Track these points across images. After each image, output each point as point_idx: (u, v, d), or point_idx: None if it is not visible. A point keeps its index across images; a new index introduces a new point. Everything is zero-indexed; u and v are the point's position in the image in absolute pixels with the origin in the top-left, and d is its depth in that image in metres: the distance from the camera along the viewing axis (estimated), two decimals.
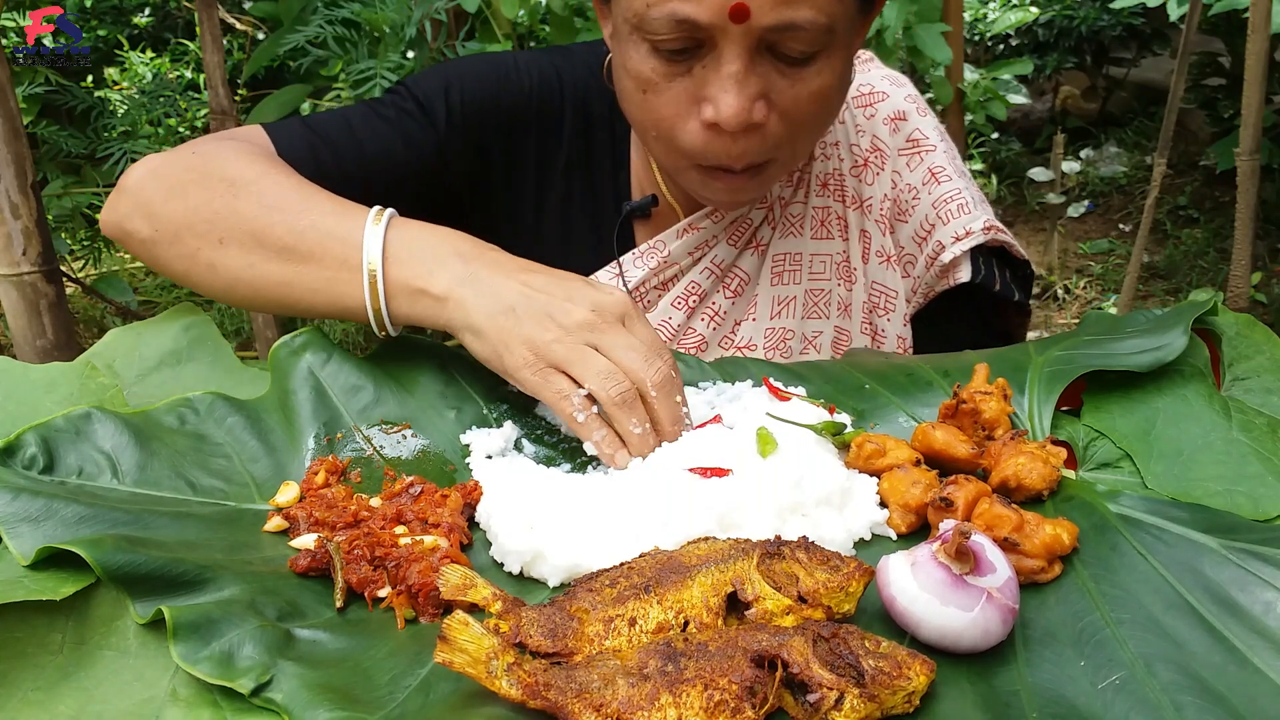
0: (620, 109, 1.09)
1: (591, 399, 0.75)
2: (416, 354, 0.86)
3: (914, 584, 0.56)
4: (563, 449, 0.81)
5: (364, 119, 1.05)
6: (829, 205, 1.12)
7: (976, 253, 1.09)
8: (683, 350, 1.10)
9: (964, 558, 0.56)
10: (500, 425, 0.82)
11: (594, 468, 0.78)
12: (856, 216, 1.12)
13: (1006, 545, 0.61)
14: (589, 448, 0.76)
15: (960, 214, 1.09)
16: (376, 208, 0.84)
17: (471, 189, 1.11)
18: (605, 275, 1.10)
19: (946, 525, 0.60)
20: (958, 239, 1.08)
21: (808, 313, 1.12)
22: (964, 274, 1.08)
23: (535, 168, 1.12)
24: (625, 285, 1.09)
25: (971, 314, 1.13)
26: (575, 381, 0.76)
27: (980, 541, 0.57)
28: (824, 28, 0.86)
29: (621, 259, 1.10)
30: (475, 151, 1.09)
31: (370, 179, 1.02)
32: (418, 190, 1.06)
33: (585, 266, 1.09)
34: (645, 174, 1.14)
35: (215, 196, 0.86)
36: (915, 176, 1.11)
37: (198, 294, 0.92)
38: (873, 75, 1.17)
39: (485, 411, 0.83)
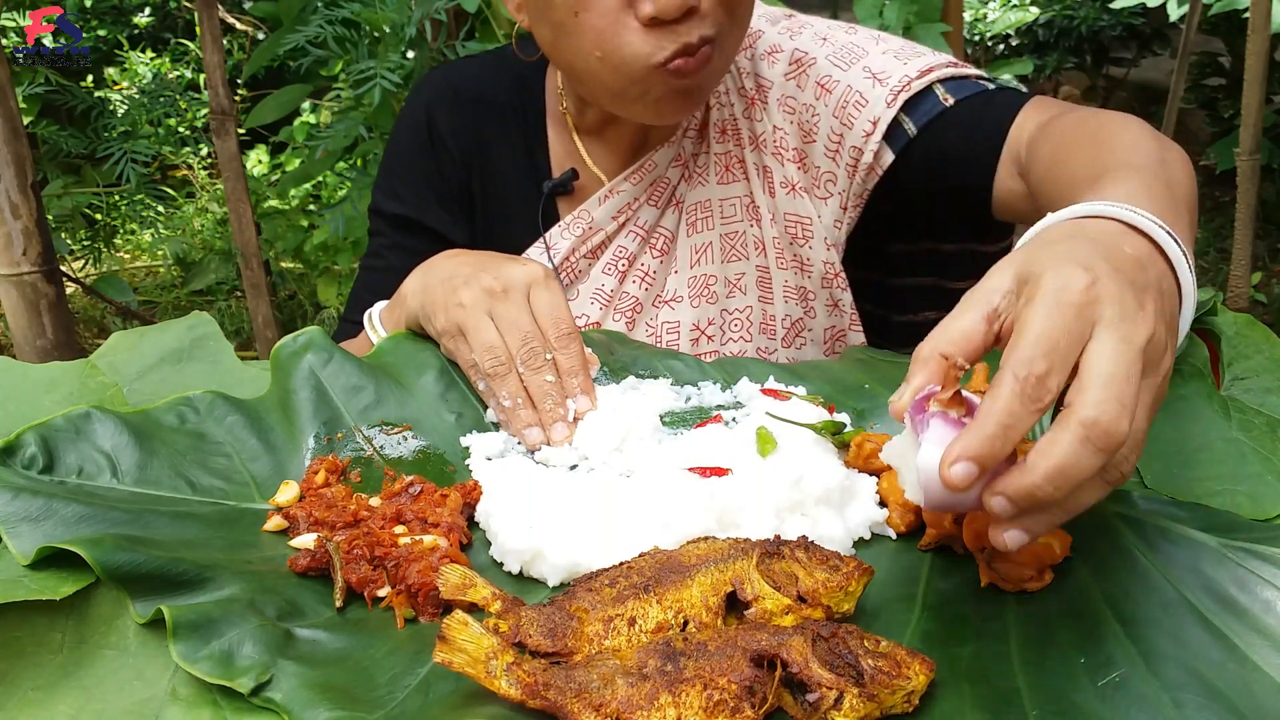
0: (532, 93, 1.17)
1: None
2: (418, 356, 0.86)
3: (932, 446, 0.53)
4: None
5: (370, 278, 1.18)
6: (729, 150, 1.14)
7: (894, 123, 1.03)
8: (617, 314, 1.12)
9: (960, 402, 0.54)
10: (499, 428, 0.82)
11: (590, 468, 0.78)
12: (754, 155, 1.13)
13: (994, 552, 0.61)
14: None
15: (859, 110, 1.04)
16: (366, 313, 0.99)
17: (452, 218, 1.19)
18: (534, 251, 1.13)
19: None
20: (867, 135, 1.03)
21: (726, 256, 1.14)
22: (887, 157, 1.04)
23: (463, 173, 1.18)
24: (552, 259, 1.12)
25: (942, 149, 1.03)
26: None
27: (975, 399, 0.55)
28: None
29: (548, 233, 1.13)
30: (442, 197, 1.18)
31: None
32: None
33: (518, 250, 1.15)
34: (565, 149, 1.17)
35: None
36: (808, 95, 1.08)
37: (198, 295, 0.97)
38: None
39: (485, 415, 0.84)
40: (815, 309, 1.14)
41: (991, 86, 1.03)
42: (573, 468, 0.77)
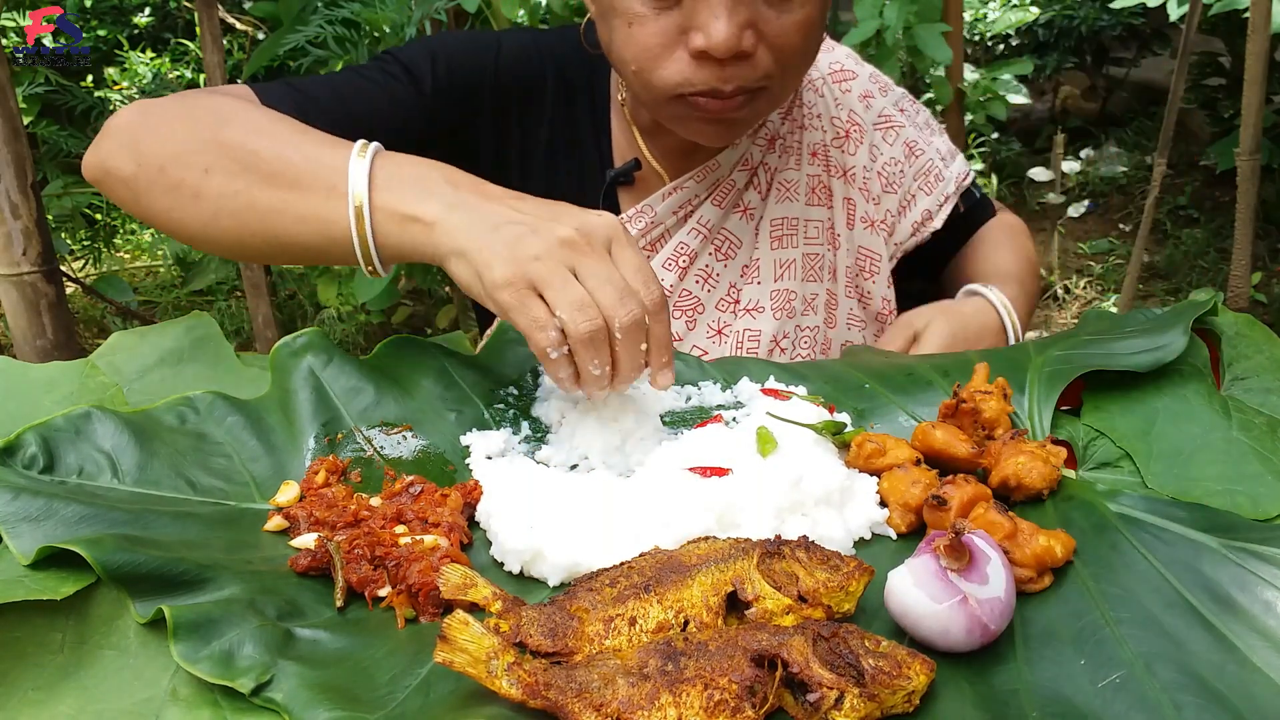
0: (600, 79, 1.16)
1: (562, 332, 0.73)
2: (417, 356, 0.86)
3: (905, 567, 0.57)
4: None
5: (348, 81, 1.05)
6: (818, 174, 1.18)
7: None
8: (676, 311, 1.12)
9: (956, 555, 0.56)
10: (500, 427, 0.82)
11: (590, 469, 0.78)
12: (841, 185, 1.18)
13: None
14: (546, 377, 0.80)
15: (937, 183, 1.21)
16: (362, 140, 0.83)
17: (457, 160, 1.11)
18: None
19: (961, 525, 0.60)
20: (940, 205, 1.21)
21: (806, 275, 1.16)
22: (937, 223, 1.21)
23: (520, 139, 1.14)
24: None
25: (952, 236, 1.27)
26: (550, 308, 0.73)
27: (988, 554, 0.57)
28: None
29: None
30: (460, 120, 1.10)
31: (354, 136, 1.00)
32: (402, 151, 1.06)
33: None
34: (626, 140, 1.16)
35: (203, 129, 0.85)
36: (896, 151, 1.20)
37: (198, 295, 0.92)
38: (838, 54, 1.23)
39: (485, 414, 0.84)
40: (866, 339, 1.20)
41: (977, 195, 1.29)
42: (573, 467, 0.77)
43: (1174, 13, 3.70)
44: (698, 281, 1.13)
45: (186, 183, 0.83)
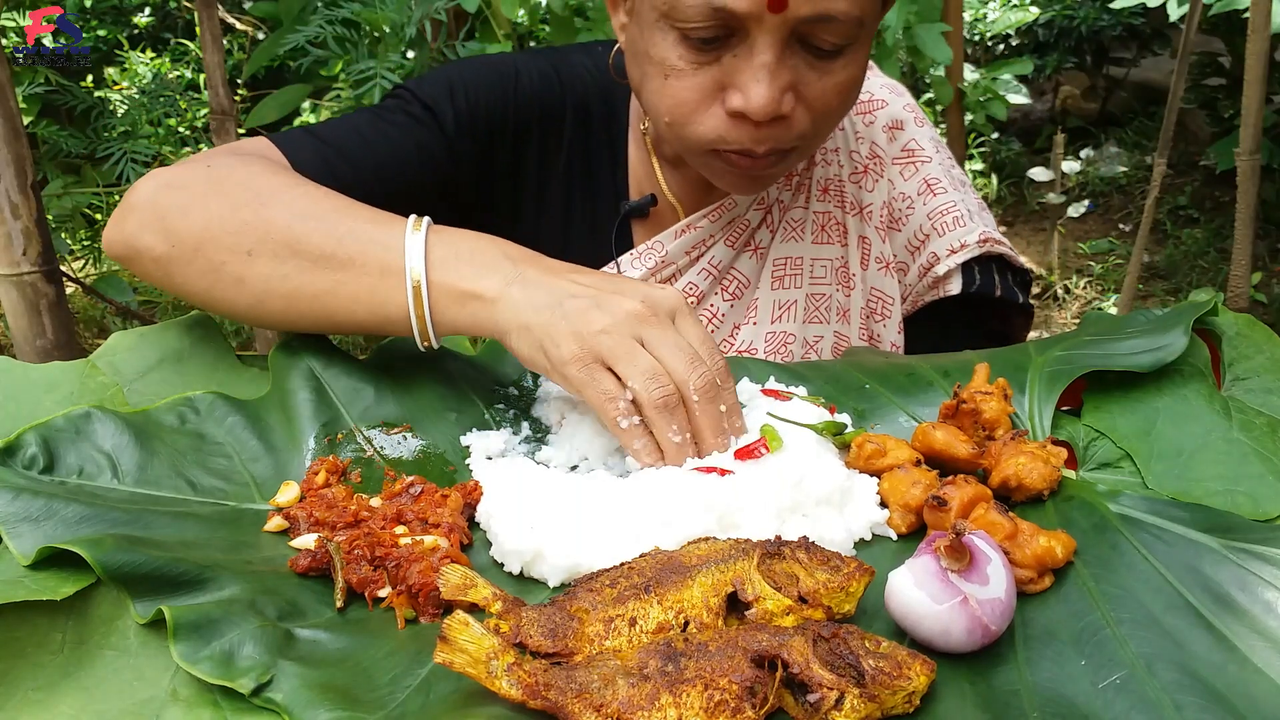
0: (618, 106, 1.12)
1: (635, 403, 0.73)
2: (417, 356, 0.86)
3: (906, 568, 0.57)
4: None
5: (373, 127, 1.03)
6: (829, 210, 1.13)
7: (971, 262, 1.09)
8: None
9: (957, 556, 0.56)
10: (500, 428, 0.82)
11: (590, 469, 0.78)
12: (856, 223, 1.13)
13: None
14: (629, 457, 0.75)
15: (955, 226, 1.09)
16: (414, 215, 0.80)
17: (477, 192, 1.10)
18: None
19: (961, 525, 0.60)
20: (952, 251, 1.08)
21: (809, 317, 1.12)
22: (954, 286, 1.09)
23: (537, 169, 1.12)
24: None
25: (962, 321, 1.13)
26: (620, 380, 0.73)
27: (989, 555, 0.57)
28: (856, 20, 0.87)
29: (619, 259, 1.10)
30: (481, 154, 1.08)
31: (386, 188, 1.00)
32: (429, 196, 1.05)
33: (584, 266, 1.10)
34: (644, 172, 1.13)
35: (241, 206, 0.81)
36: (910, 186, 1.12)
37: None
38: (872, 83, 1.17)
39: (485, 414, 0.84)
40: None
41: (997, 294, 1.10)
42: (573, 468, 0.77)
43: (1174, 13, 3.70)
44: (703, 322, 1.09)
45: (228, 265, 0.80)
